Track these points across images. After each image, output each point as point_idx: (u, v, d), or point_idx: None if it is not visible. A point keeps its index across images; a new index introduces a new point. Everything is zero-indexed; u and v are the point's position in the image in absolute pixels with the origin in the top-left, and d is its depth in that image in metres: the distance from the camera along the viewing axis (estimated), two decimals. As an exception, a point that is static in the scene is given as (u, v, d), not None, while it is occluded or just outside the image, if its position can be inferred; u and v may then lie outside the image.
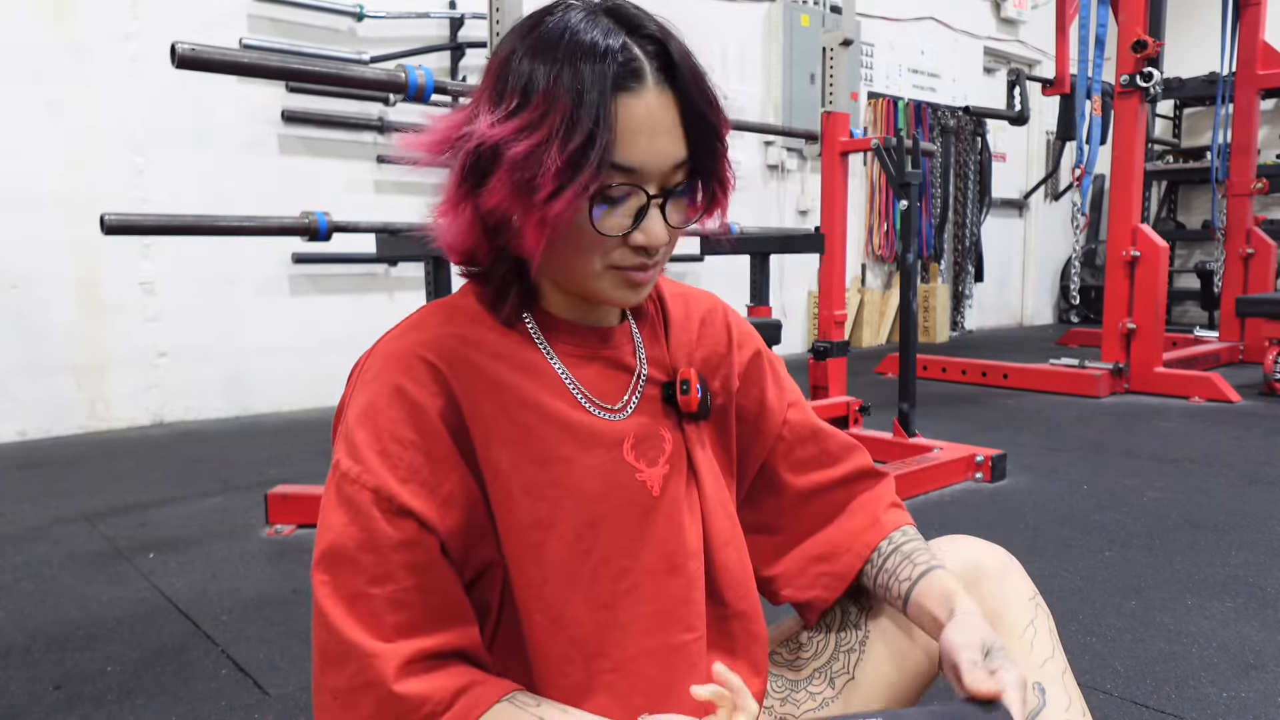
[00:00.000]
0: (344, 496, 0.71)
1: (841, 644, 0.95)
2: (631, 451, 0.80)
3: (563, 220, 0.69)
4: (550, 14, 0.71)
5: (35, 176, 3.67)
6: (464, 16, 4.70)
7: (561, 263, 0.75)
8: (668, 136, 0.71)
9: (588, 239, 0.72)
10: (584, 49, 0.68)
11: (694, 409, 0.84)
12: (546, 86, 0.68)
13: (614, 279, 0.75)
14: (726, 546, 0.85)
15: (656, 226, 0.73)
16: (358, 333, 4.53)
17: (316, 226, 2.93)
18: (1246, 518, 2.57)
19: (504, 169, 0.68)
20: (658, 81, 0.70)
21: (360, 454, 0.71)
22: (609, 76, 0.68)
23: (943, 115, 7.30)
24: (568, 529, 0.76)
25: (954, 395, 4.73)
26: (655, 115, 0.70)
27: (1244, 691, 1.58)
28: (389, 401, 0.72)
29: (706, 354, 0.89)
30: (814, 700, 0.94)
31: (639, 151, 0.70)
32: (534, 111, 0.68)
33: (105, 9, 3.78)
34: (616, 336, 0.83)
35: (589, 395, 0.79)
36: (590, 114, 0.67)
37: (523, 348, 0.78)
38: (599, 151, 0.67)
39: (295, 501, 2.54)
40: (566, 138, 0.67)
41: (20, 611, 1.99)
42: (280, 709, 1.56)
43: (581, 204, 0.69)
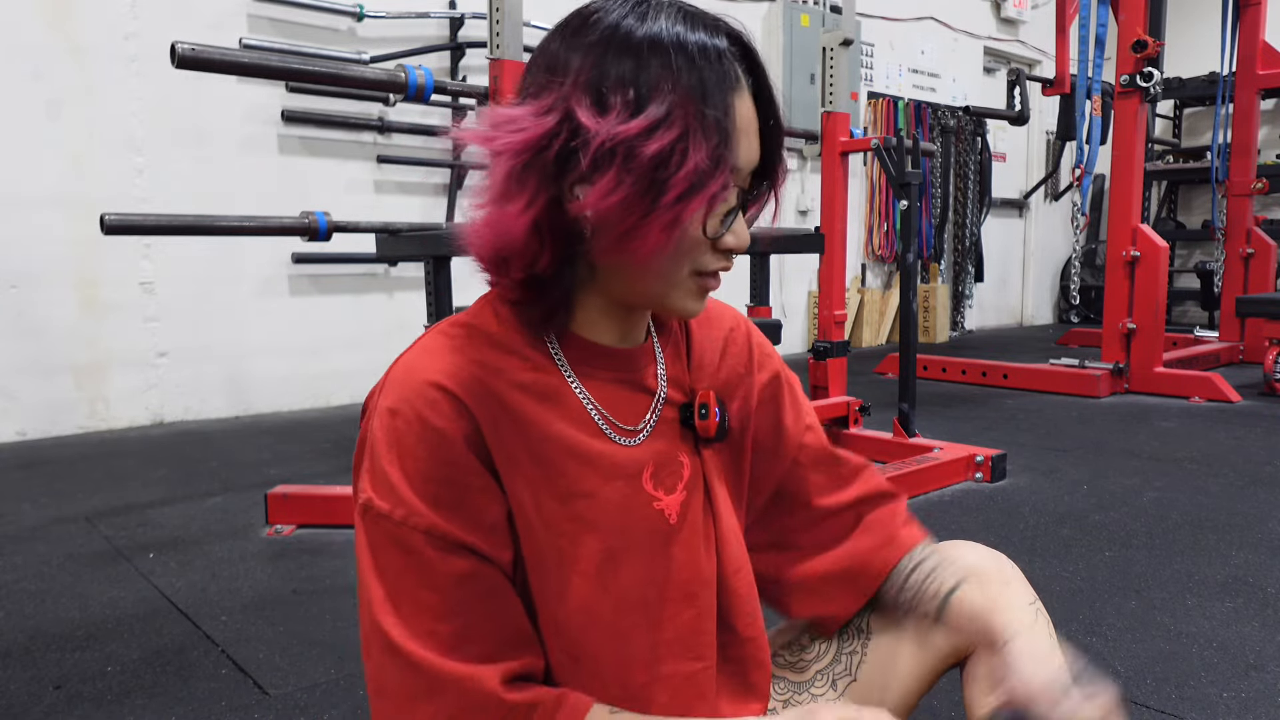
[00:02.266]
0: (393, 539, 0.69)
1: (844, 646, 0.95)
2: (650, 480, 0.79)
3: (694, 222, 0.68)
4: (626, 13, 0.69)
5: (35, 176, 3.67)
6: (464, 16, 4.70)
7: (646, 269, 0.71)
8: (755, 138, 0.72)
9: (685, 243, 0.70)
10: (698, 47, 0.67)
11: (712, 434, 0.82)
12: (670, 84, 0.66)
13: (692, 287, 0.74)
14: (737, 574, 0.84)
15: (743, 229, 0.73)
16: (358, 333, 4.55)
17: (316, 226, 2.93)
18: (1246, 518, 2.57)
19: (620, 169, 0.65)
20: (747, 83, 0.70)
21: (400, 495, 0.68)
22: (726, 76, 0.68)
23: (943, 115, 7.30)
24: (589, 564, 0.75)
25: (954, 395, 4.73)
26: (749, 116, 0.71)
27: (1244, 691, 1.58)
28: (417, 438, 0.69)
29: (728, 375, 0.87)
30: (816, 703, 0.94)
31: (743, 152, 0.70)
32: (661, 108, 0.66)
33: (105, 9, 3.78)
34: (640, 357, 0.81)
35: (609, 419, 0.77)
36: (718, 112, 0.67)
37: (544, 372, 0.75)
38: (732, 150, 0.68)
39: (295, 501, 2.54)
40: (705, 136, 0.66)
41: (20, 611, 1.99)
42: (280, 709, 1.56)
43: (714, 205, 0.68)
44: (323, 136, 4.41)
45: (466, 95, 2.75)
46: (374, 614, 0.69)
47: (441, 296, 2.88)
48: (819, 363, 3.64)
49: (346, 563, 2.28)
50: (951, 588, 0.85)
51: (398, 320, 4.65)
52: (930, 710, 1.51)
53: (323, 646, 1.81)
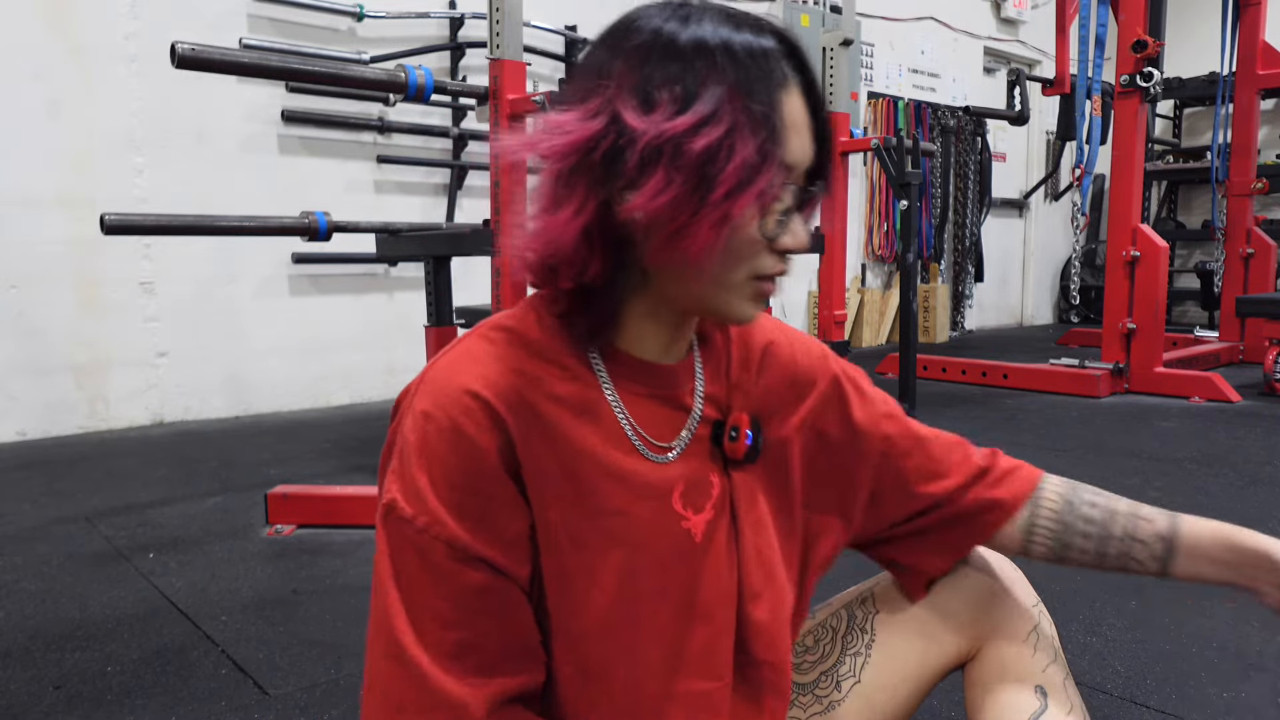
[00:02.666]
0: (413, 545, 0.69)
1: (848, 647, 0.95)
2: (680, 500, 0.78)
3: (745, 218, 0.67)
4: (669, 17, 0.69)
5: (35, 176, 3.67)
6: (464, 16, 4.70)
7: (702, 274, 0.71)
8: (807, 135, 0.71)
9: (744, 245, 0.69)
10: (744, 46, 0.67)
11: (739, 457, 0.81)
12: (717, 81, 0.66)
13: (748, 291, 0.73)
14: (757, 598, 0.82)
15: (800, 229, 0.72)
16: (358, 333, 4.55)
17: (316, 226, 2.93)
18: (1246, 518, 2.57)
19: (669, 167, 0.65)
20: (795, 81, 0.70)
21: (425, 502, 0.68)
22: (773, 73, 0.68)
23: (943, 115, 7.30)
24: (611, 579, 0.74)
25: (954, 395, 4.73)
26: (799, 114, 0.70)
27: (1244, 691, 1.58)
28: (449, 446, 0.68)
29: (765, 391, 0.85)
30: (820, 704, 0.94)
31: (794, 149, 0.70)
32: (707, 105, 0.66)
33: (105, 9, 3.78)
34: (680, 374, 0.80)
35: (644, 435, 0.76)
36: (765, 107, 0.67)
37: (582, 383, 0.74)
38: (780, 146, 0.67)
39: (295, 501, 2.54)
40: (753, 131, 0.66)
41: (20, 611, 1.99)
42: (280, 709, 1.56)
43: (764, 201, 0.68)
44: (323, 136, 4.41)
45: (466, 95, 2.75)
46: (386, 614, 0.69)
47: (441, 296, 2.88)
48: (819, 363, 3.63)
49: (346, 563, 2.28)
50: (1169, 518, 0.90)
51: (398, 320, 4.65)
52: (930, 710, 1.50)
53: (323, 646, 1.81)
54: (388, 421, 0.76)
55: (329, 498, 2.57)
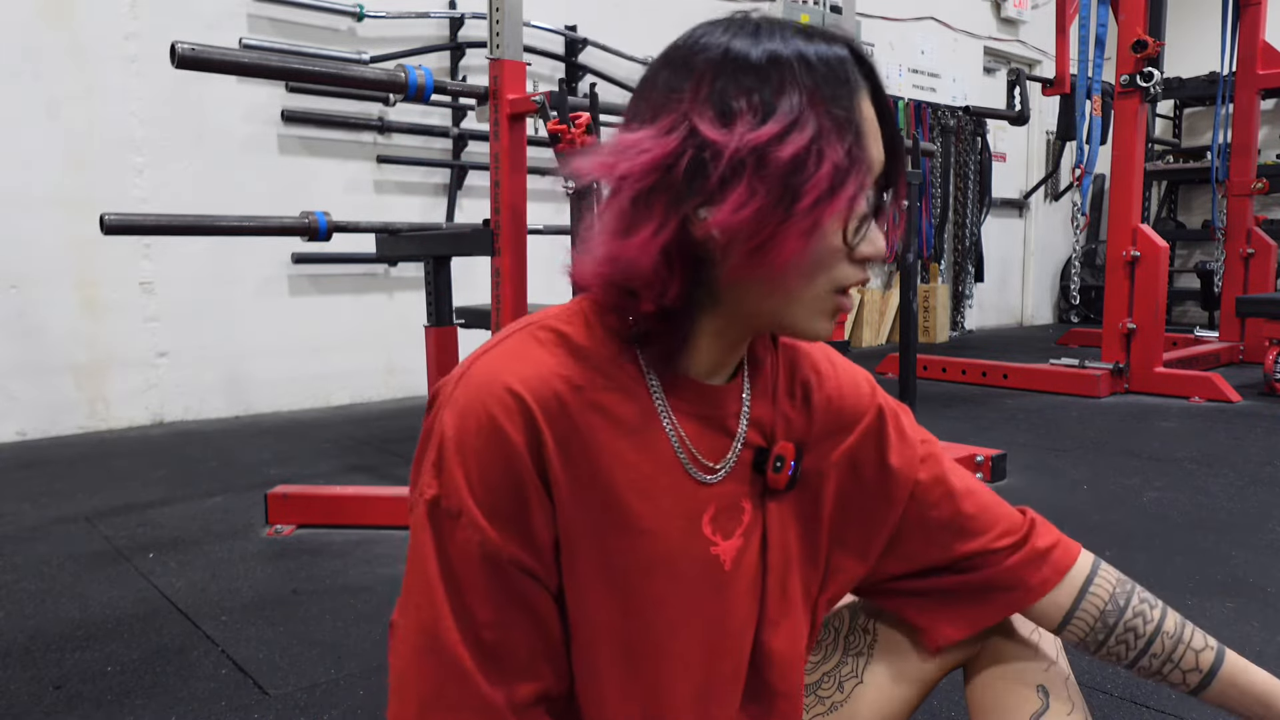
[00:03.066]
0: (457, 542, 0.68)
1: (850, 647, 0.95)
2: (710, 524, 0.76)
3: (834, 228, 0.66)
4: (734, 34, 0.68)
5: (35, 176, 3.67)
6: (464, 16, 4.70)
7: (778, 287, 0.68)
8: (879, 142, 0.70)
9: (825, 254, 0.68)
10: (814, 57, 0.67)
11: (782, 487, 0.79)
12: (795, 90, 0.65)
13: (827, 306, 0.70)
14: (775, 628, 0.81)
15: (879, 237, 0.70)
16: (358, 333, 4.55)
17: (316, 226, 2.93)
18: (1246, 518, 2.57)
19: (752, 179, 0.63)
20: (866, 88, 0.70)
21: (463, 500, 0.67)
22: (850, 79, 0.67)
23: (943, 115, 7.30)
24: (631, 603, 0.73)
25: (954, 395, 4.73)
26: (871, 119, 0.69)
27: (1244, 691, 1.58)
28: (486, 442, 0.67)
29: (809, 421, 0.82)
30: (823, 704, 0.94)
31: (874, 151, 0.69)
32: (789, 114, 0.64)
33: (105, 9, 3.78)
34: (726, 396, 0.77)
35: (693, 453, 0.75)
36: (847, 111, 0.66)
37: (631, 395, 0.72)
38: (865, 150, 0.66)
39: (295, 501, 2.54)
40: (840, 136, 0.65)
41: (20, 611, 1.99)
42: (280, 709, 1.56)
43: (853, 208, 0.66)
44: (323, 136, 4.41)
45: (466, 95, 2.75)
46: (432, 609, 0.68)
47: (441, 296, 2.88)
48: (819, 363, 3.64)
49: (346, 563, 2.28)
50: (1216, 655, 0.85)
51: (398, 320, 4.65)
52: (930, 710, 1.50)
53: (323, 646, 1.81)
54: (388, 421, 0.75)
55: (329, 498, 2.57)
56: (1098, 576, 0.86)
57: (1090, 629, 0.85)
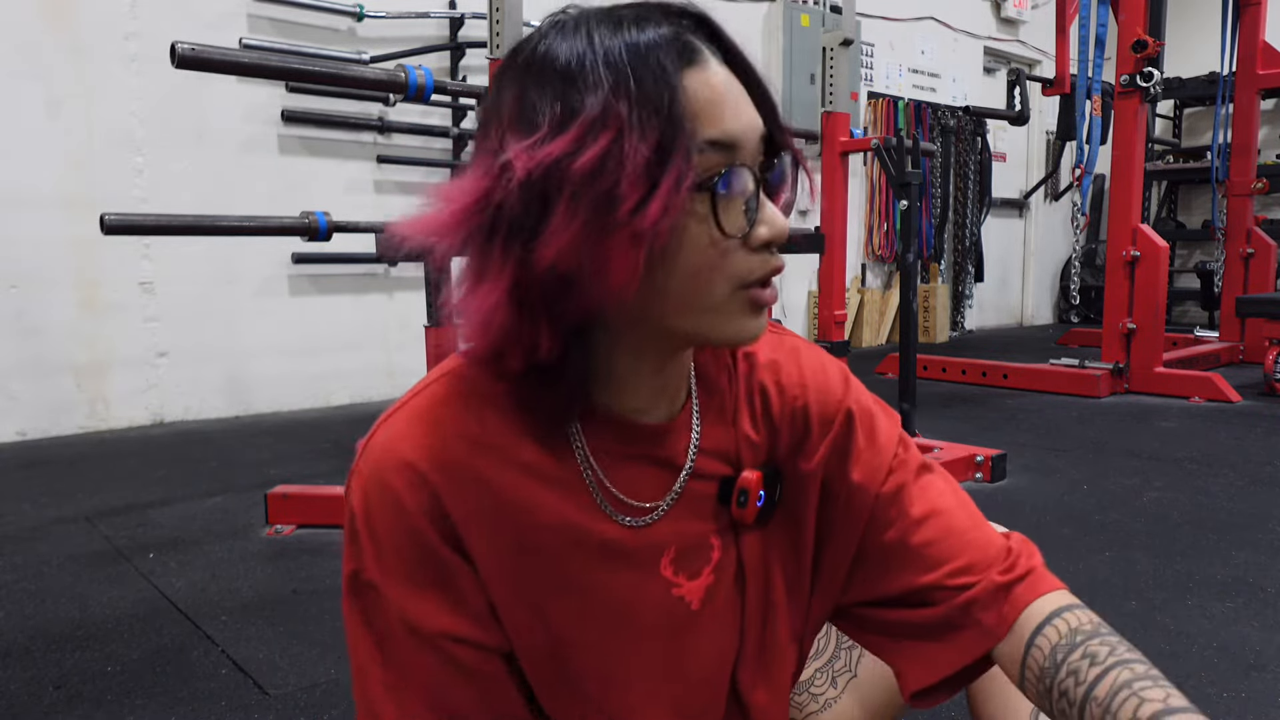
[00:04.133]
0: (379, 613, 0.64)
1: (843, 641, 0.94)
2: (670, 566, 0.70)
3: (664, 229, 0.56)
4: (544, 38, 0.61)
5: (35, 176, 3.67)
6: (464, 16, 4.70)
7: (675, 300, 0.60)
8: (745, 103, 0.61)
9: (709, 252, 0.59)
10: (619, 50, 0.58)
11: (749, 522, 0.72)
12: (596, 85, 0.57)
13: (741, 304, 0.62)
14: (750, 663, 0.75)
15: (776, 216, 0.61)
16: (358, 333, 4.55)
17: (316, 226, 2.93)
18: (1246, 518, 2.57)
19: (567, 196, 0.56)
20: (712, 53, 0.61)
21: (373, 571, 0.64)
22: (661, 60, 0.58)
23: (943, 115, 7.30)
24: (590, 663, 0.69)
25: (954, 395, 4.73)
26: (726, 84, 0.60)
27: (1244, 691, 1.58)
28: (388, 514, 0.63)
29: (776, 435, 0.74)
30: (816, 702, 0.94)
31: (730, 122, 0.59)
32: (590, 114, 0.56)
33: (105, 9, 3.78)
34: (668, 433, 0.70)
35: (617, 497, 0.68)
36: (661, 90, 0.57)
37: (547, 445, 0.66)
38: (687, 131, 0.57)
39: (295, 501, 2.54)
40: (644, 123, 0.56)
41: (20, 611, 1.99)
42: (280, 709, 1.56)
43: (682, 203, 0.57)
44: (323, 136, 4.41)
45: (466, 95, 2.75)
46: (368, 692, 0.65)
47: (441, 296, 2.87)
48: (819, 363, 3.63)
49: (346, 563, 2.28)
50: None
51: (398, 320, 4.65)
52: (930, 710, 1.50)
53: (323, 646, 1.81)
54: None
55: (329, 498, 2.57)
56: (1057, 619, 0.70)
57: (1038, 679, 0.68)
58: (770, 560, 0.75)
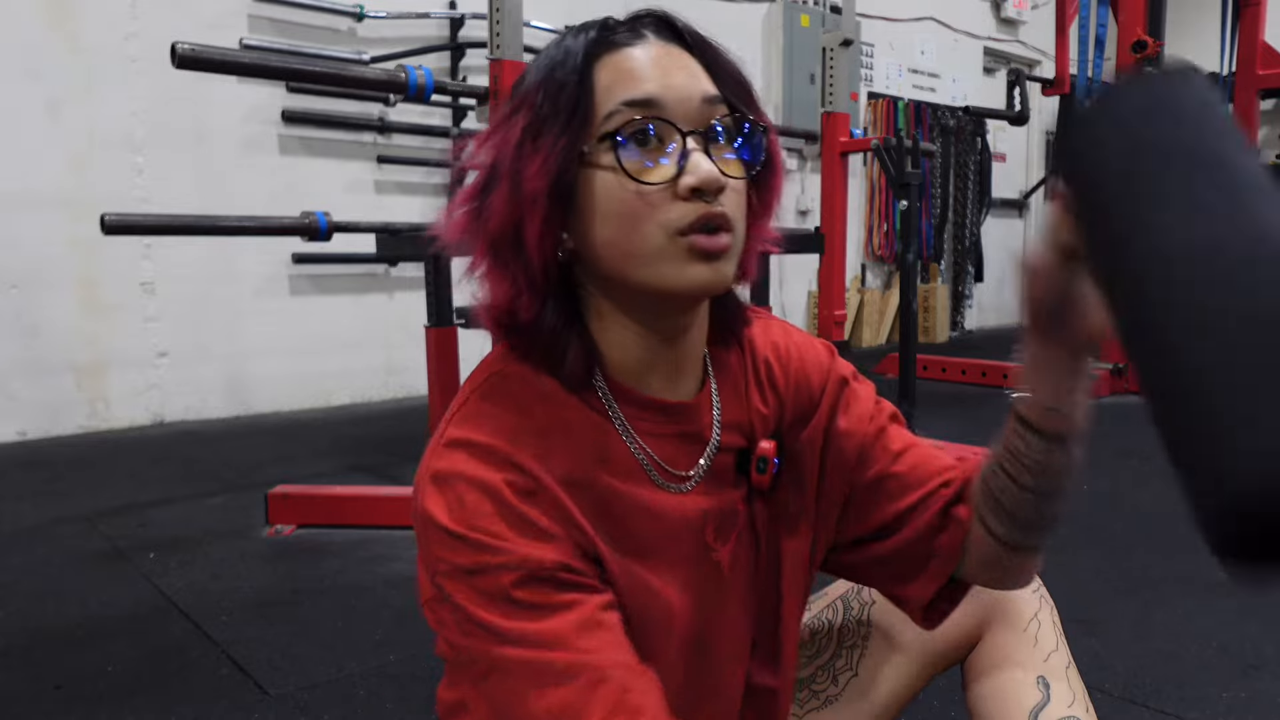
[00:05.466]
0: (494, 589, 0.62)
1: (844, 640, 0.94)
2: (713, 534, 0.76)
3: (551, 181, 0.64)
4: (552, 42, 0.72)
5: (35, 176, 3.67)
6: (464, 16, 4.70)
7: (616, 251, 0.66)
8: (682, 72, 0.66)
9: (629, 201, 0.64)
10: (567, 38, 0.68)
11: (766, 488, 0.78)
12: (525, 82, 0.68)
13: (680, 251, 0.64)
14: (766, 624, 0.81)
15: (703, 162, 0.64)
16: (358, 333, 4.55)
17: (316, 226, 2.94)
18: (1246, 518, 2.57)
19: (501, 173, 0.66)
20: (659, 36, 0.68)
21: (484, 544, 0.62)
22: (585, 43, 0.67)
23: (943, 115, 7.30)
24: (655, 620, 0.72)
25: (954, 395, 4.73)
26: (663, 56, 0.66)
27: (1244, 691, 1.58)
28: (485, 502, 0.64)
29: (780, 407, 0.81)
30: (817, 699, 0.94)
31: (651, 83, 0.65)
32: (510, 105, 0.68)
33: (105, 9, 3.78)
34: (696, 409, 0.75)
35: (659, 464, 0.73)
36: (567, 76, 0.65)
37: (592, 419, 0.71)
38: (570, 97, 0.65)
39: (295, 501, 2.54)
40: (550, 104, 0.65)
41: (20, 611, 1.99)
42: (280, 709, 1.56)
43: (565, 153, 0.64)
44: (323, 136, 4.41)
45: (466, 95, 2.75)
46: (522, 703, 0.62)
47: (441, 296, 2.88)
48: (819, 363, 3.64)
49: (346, 563, 2.28)
50: None
51: (398, 320, 4.65)
52: (930, 707, 1.51)
53: (323, 646, 1.81)
54: (388, 421, 0.75)
55: (329, 498, 2.57)
56: None
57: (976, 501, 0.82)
58: (778, 524, 0.81)
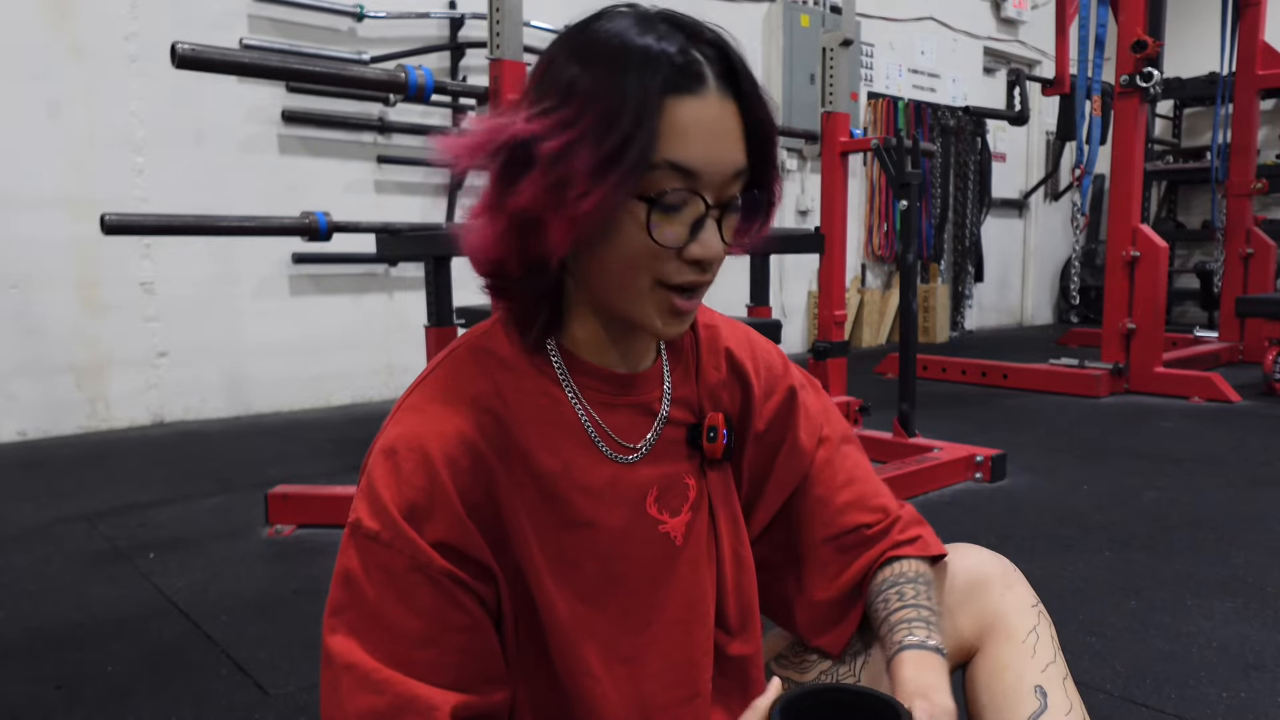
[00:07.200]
0: (378, 561, 0.69)
1: (849, 647, 0.94)
2: (655, 504, 0.79)
3: (598, 220, 0.66)
4: (600, 19, 0.70)
5: (35, 176, 3.67)
6: (464, 16, 4.70)
7: (608, 278, 0.71)
8: (728, 141, 0.69)
9: (638, 249, 0.68)
10: (636, 50, 0.66)
11: (719, 456, 0.83)
12: (589, 85, 0.66)
13: (659, 301, 0.71)
14: (735, 591, 0.85)
15: (713, 239, 0.69)
16: (358, 333, 4.55)
17: (316, 226, 2.94)
18: (1246, 518, 2.57)
19: (537, 167, 0.66)
20: (719, 87, 0.68)
21: (392, 519, 0.68)
22: (661, 76, 0.66)
23: (943, 115, 7.30)
24: (588, 589, 0.76)
25: (954, 395, 4.73)
26: (716, 119, 0.68)
27: (1244, 691, 1.58)
28: (416, 466, 0.70)
29: (731, 393, 0.86)
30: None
31: (698, 152, 0.67)
32: (572, 109, 0.66)
33: (105, 9, 3.78)
34: (643, 382, 0.80)
35: (608, 434, 0.77)
36: (632, 112, 0.65)
37: (547, 387, 0.76)
38: (638, 149, 0.65)
39: (295, 501, 2.54)
40: (603, 133, 0.64)
41: (20, 611, 1.99)
42: (280, 709, 1.56)
43: (620, 204, 0.66)
44: (323, 136, 4.41)
45: (466, 95, 2.75)
46: (343, 633, 0.69)
47: (441, 296, 2.88)
48: (819, 363, 3.64)
49: (346, 563, 2.27)
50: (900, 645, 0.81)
51: (398, 320, 4.65)
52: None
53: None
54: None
55: (329, 498, 2.57)
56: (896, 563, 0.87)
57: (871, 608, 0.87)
58: (731, 495, 0.86)
